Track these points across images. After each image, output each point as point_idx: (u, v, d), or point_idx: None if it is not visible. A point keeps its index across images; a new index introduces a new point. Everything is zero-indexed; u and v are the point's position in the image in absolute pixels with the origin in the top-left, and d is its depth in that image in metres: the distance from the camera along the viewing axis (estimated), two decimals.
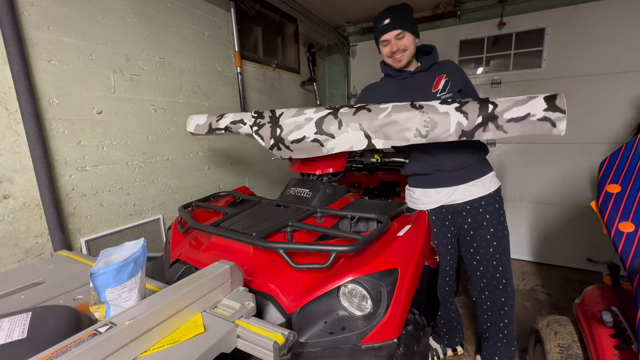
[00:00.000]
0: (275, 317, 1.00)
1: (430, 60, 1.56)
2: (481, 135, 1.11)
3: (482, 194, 1.53)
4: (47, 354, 0.58)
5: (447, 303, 1.79)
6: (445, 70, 1.54)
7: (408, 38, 1.48)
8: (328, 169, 1.61)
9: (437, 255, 1.51)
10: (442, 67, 1.56)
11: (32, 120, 1.38)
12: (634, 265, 1.09)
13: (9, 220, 1.39)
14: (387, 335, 0.99)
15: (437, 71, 1.55)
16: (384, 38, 1.50)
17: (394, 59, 1.53)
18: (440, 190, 1.56)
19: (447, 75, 1.52)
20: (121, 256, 0.80)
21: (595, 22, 2.70)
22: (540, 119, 1.05)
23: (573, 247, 3.05)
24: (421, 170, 1.57)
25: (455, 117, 1.12)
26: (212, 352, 0.72)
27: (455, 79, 1.52)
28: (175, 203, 2.14)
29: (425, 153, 1.53)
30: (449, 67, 1.56)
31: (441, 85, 1.51)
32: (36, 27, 1.43)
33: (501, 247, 1.54)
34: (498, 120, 1.08)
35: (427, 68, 1.55)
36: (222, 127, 1.62)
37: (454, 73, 1.54)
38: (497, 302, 1.61)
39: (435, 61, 1.57)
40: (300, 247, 1.06)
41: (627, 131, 2.71)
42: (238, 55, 2.55)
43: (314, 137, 1.30)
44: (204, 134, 1.73)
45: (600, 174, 1.37)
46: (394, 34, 1.47)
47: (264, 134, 1.43)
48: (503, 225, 1.56)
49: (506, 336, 1.67)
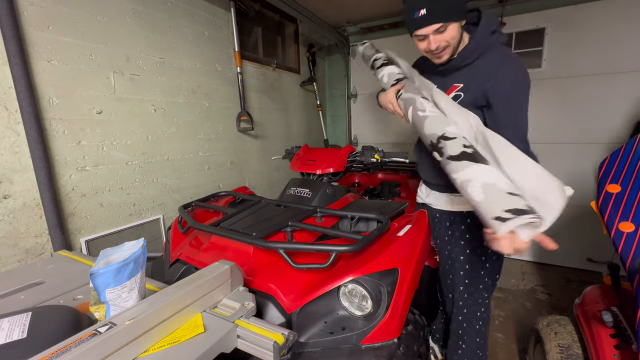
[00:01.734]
0: (275, 317, 1.00)
1: (467, 56, 1.19)
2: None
3: (449, 209, 1.41)
4: (47, 354, 0.58)
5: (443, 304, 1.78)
6: (473, 76, 1.21)
7: (452, 29, 1.13)
8: (328, 168, 1.61)
9: (437, 255, 1.51)
10: (476, 68, 1.20)
11: (32, 120, 1.38)
12: (634, 265, 1.09)
13: (9, 220, 1.39)
14: (387, 335, 0.99)
15: (463, 75, 1.24)
16: (418, 33, 1.16)
17: (434, 55, 1.22)
18: (422, 189, 1.57)
19: (466, 84, 1.22)
20: (121, 256, 0.80)
21: (595, 22, 2.70)
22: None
23: (573, 247, 3.04)
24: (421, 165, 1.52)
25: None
26: (212, 352, 0.72)
27: (477, 92, 1.19)
28: (175, 203, 2.14)
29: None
30: (487, 71, 1.17)
31: (450, 96, 1.25)
32: (36, 27, 1.43)
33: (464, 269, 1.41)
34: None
35: (458, 66, 1.23)
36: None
37: (482, 82, 1.17)
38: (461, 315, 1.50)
39: (473, 58, 1.19)
40: (300, 247, 1.07)
41: (627, 131, 2.71)
42: (238, 55, 2.55)
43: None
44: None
45: (600, 174, 1.37)
46: (432, 28, 1.12)
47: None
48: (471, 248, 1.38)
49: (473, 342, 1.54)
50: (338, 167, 1.63)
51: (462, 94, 1.24)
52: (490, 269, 1.40)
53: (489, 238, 0.95)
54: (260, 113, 2.91)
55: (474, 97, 1.21)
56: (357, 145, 4.11)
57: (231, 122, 2.58)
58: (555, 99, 2.92)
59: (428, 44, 1.17)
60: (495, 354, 1.99)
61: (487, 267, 1.39)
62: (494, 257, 1.38)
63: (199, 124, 2.30)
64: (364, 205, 1.48)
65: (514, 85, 1.15)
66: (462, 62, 1.22)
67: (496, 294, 2.67)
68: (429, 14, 1.10)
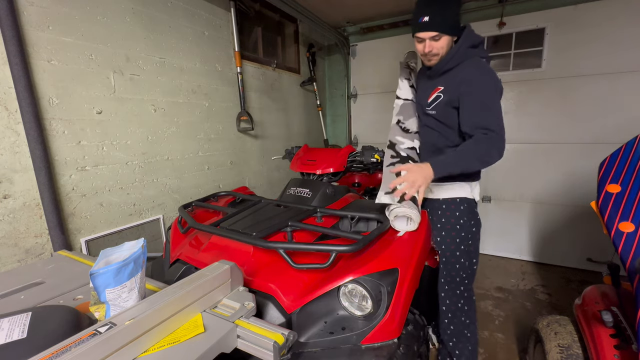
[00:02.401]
0: (275, 317, 1.00)
1: (446, 63, 1.42)
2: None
3: (428, 196, 1.55)
4: (47, 354, 0.58)
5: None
6: (451, 80, 1.42)
7: (444, 40, 1.38)
8: (328, 168, 1.61)
9: (437, 255, 1.52)
10: (454, 75, 1.42)
11: (32, 120, 1.38)
12: (634, 265, 1.09)
13: (9, 220, 1.39)
14: (387, 335, 0.99)
15: (444, 79, 1.45)
16: (419, 35, 1.40)
17: (426, 58, 1.45)
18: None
19: (446, 87, 1.43)
20: (121, 256, 0.80)
21: (595, 22, 2.70)
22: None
23: (573, 247, 3.05)
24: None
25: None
26: (212, 352, 0.72)
27: (453, 95, 1.40)
28: (175, 203, 2.14)
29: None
30: (461, 77, 1.38)
31: (432, 98, 1.47)
32: (36, 27, 1.43)
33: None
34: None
35: (440, 71, 1.46)
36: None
37: (456, 86, 1.39)
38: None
39: (452, 65, 1.42)
40: (300, 247, 1.07)
41: (627, 131, 2.71)
42: (238, 55, 2.55)
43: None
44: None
45: (600, 174, 1.37)
46: (430, 34, 1.36)
47: None
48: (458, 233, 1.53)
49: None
50: (338, 167, 1.63)
51: (442, 95, 1.44)
52: (466, 251, 1.51)
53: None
54: (260, 113, 2.92)
55: (450, 98, 1.41)
56: (357, 145, 4.11)
57: (231, 122, 2.58)
58: (555, 99, 2.92)
59: (424, 47, 1.41)
60: (495, 354, 1.99)
61: (463, 249, 1.50)
62: (469, 242, 1.51)
63: (199, 124, 2.30)
64: (364, 205, 1.48)
65: (482, 89, 1.34)
66: (443, 67, 1.44)
67: (496, 294, 2.67)
68: (430, 22, 1.34)
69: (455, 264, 1.52)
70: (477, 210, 1.55)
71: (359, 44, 3.87)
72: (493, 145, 1.27)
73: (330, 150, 1.80)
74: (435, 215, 1.55)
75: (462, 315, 1.56)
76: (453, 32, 1.39)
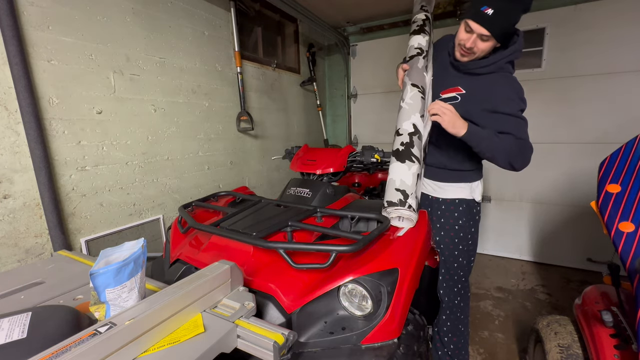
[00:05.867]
0: (275, 317, 1.00)
1: (479, 67, 1.33)
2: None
3: (431, 195, 1.60)
4: (47, 354, 0.58)
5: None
6: (476, 89, 1.33)
7: (490, 44, 1.26)
8: (328, 168, 1.61)
9: (437, 255, 1.52)
10: (481, 83, 1.33)
11: (32, 120, 1.38)
12: (634, 265, 1.09)
13: (9, 220, 1.39)
14: (387, 335, 0.99)
15: (468, 81, 1.36)
16: (471, 24, 1.24)
17: (462, 50, 1.32)
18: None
19: (467, 93, 1.34)
20: (121, 256, 0.80)
21: (595, 22, 2.70)
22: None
23: (573, 247, 3.05)
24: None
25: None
26: (212, 352, 0.72)
27: (473, 106, 1.32)
28: (175, 203, 2.14)
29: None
30: (493, 91, 1.30)
31: (446, 95, 1.40)
32: (36, 27, 1.43)
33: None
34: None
35: (467, 70, 1.36)
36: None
37: (484, 99, 1.30)
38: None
39: (483, 72, 1.34)
40: (300, 247, 1.06)
41: (626, 131, 2.71)
42: (238, 55, 2.55)
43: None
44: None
45: (600, 174, 1.37)
46: (482, 31, 1.22)
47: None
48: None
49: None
50: (338, 167, 1.63)
51: (459, 98, 1.37)
52: (464, 251, 1.54)
53: None
54: (260, 113, 2.92)
55: (467, 109, 1.32)
56: (357, 145, 4.11)
57: (231, 122, 2.58)
58: (555, 99, 2.92)
59: (468, 38, 1.27)
60: (495, 354, 1.99)
61: (461, 248, 1.53)
62: (468, 242, 1.54)
63: (199, 124, 2.30)
64: (364, 205, 1.48)
65: (520, 113, 1.33)
66: (472, 68, 1.35)
67: (496, 294, 2.67)
68: (492, 18, 1.19)
69: (454, 263, 1.55)
70: (479, 209, 1.56)
71: (359, 44, 3.87)
72: (526, 154, 1.30)
73: (330, 150, 1.80)
74: (435, 215, 1.57)
75: (457, 311, 1.61)
76: (504, 40, 1.27)
